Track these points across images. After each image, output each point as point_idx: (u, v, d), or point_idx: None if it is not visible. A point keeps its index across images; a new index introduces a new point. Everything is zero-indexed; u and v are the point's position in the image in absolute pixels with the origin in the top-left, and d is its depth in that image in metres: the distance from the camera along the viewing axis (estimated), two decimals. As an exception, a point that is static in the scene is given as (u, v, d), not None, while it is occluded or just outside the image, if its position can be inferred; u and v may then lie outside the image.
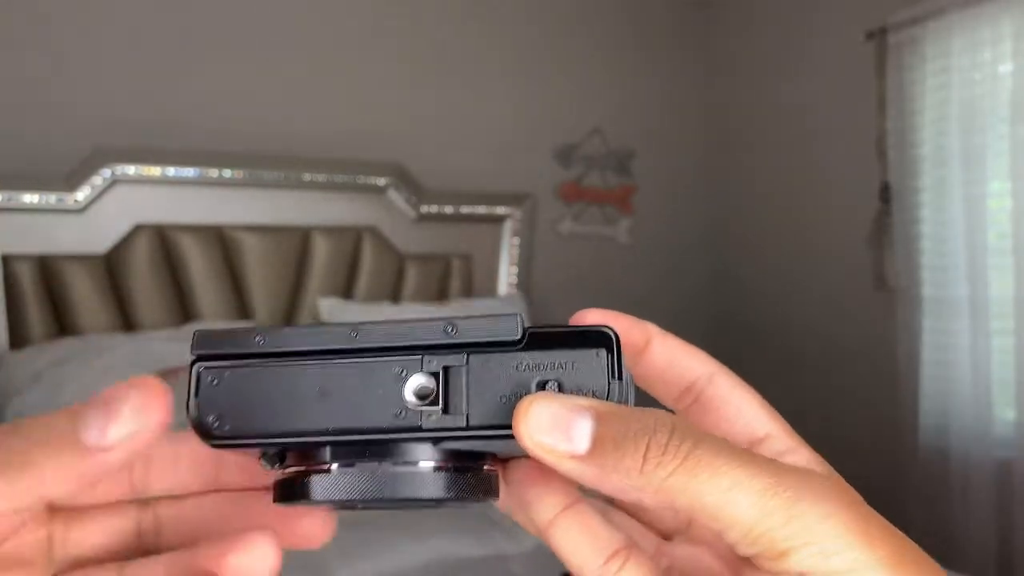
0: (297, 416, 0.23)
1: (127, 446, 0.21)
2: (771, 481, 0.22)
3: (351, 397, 0.23)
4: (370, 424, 0.23)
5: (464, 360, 0.23)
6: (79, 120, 1.97)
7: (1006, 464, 2.00)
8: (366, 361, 0.23)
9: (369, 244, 2.20)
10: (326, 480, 0.23)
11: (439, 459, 0.23)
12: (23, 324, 1.81)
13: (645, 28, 2.84)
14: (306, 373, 0.23)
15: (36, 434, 0.21)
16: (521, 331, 0.23)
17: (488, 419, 0.23)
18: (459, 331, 0.23)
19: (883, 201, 2.28)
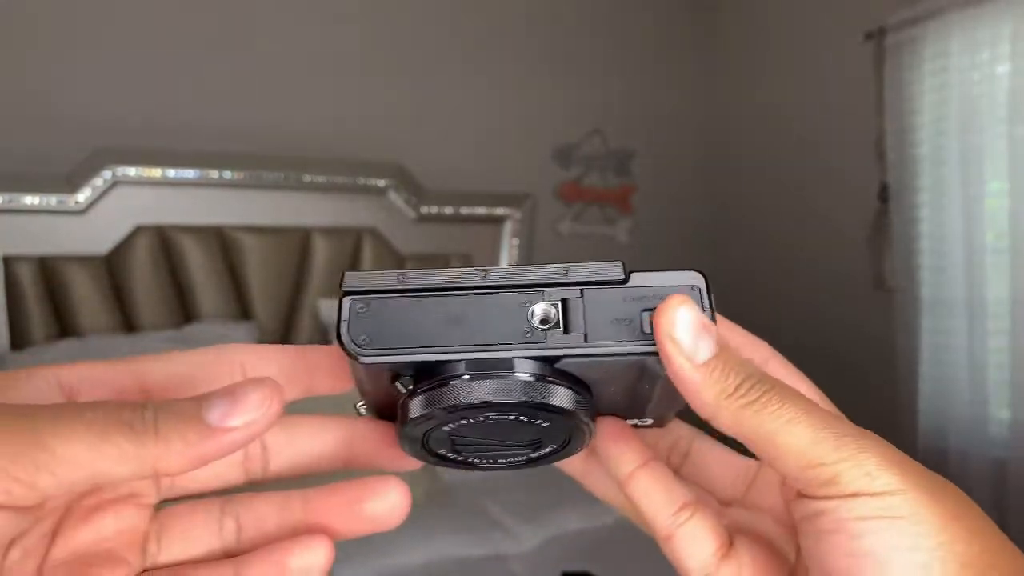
0: (436, 336, 0.26)
1: (245, 431, 0.23)
2: (822, 419, 0.25)
3: (483, 323, 0.26)
4: (500, 342, 0.26)
5: (579, 294, 0.27)
6: (80, 121, 1.98)
7: (1001, 463, 2.01)
8: (496, 294, 0.26)
9: (369, 245, 2.21)
10: (456, 387, 0.26)
11: (558, 377, 0.27)
12: (24, 325, 1.82)
13: (644, 28, 2.84)
14: (444, 302, 0.26)
15: (163, 408, 0.22)
16: (624, 273, 0.27)
17: (603, 337, 0.26)
18: (571, 272, 0.27)
19: (882, 201, 2.29)
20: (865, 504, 0.23)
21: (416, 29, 2.43)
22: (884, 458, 0.24)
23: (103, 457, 0.21)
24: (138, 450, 0.22)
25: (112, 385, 0.27)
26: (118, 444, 0.21)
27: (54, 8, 1.96)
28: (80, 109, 1.98)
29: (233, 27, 2.17)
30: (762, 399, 0.25)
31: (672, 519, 0.29)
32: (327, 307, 2.09)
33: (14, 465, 0.20)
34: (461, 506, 1.57)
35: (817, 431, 0.24)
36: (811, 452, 0.24)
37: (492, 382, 0.26)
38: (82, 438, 0.21)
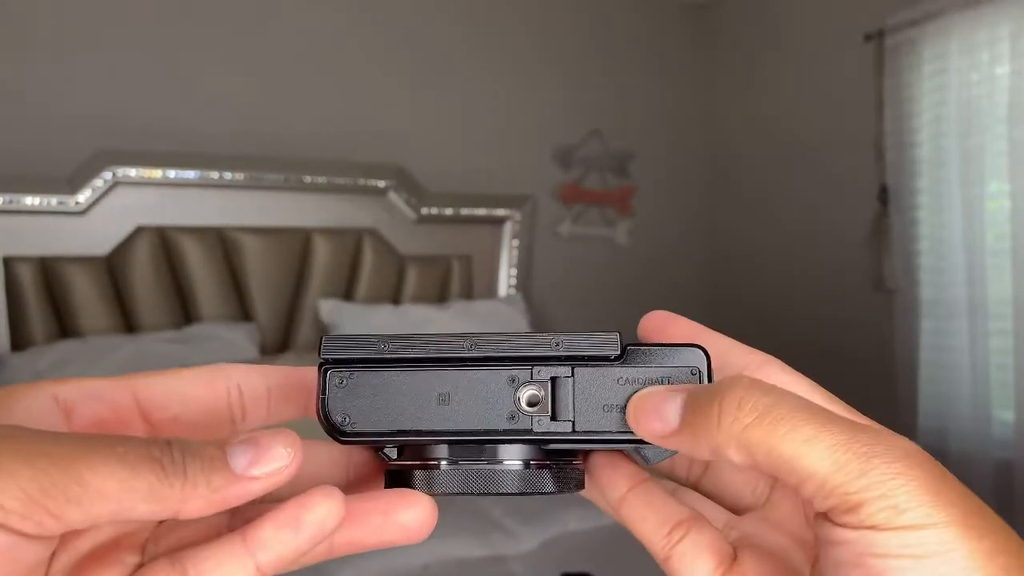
0: (419, 417, 0.25)
1: (267, 481, 0.23)
2: (845, 437, 0.22)
3: (467, 402, 0.25)
4: (485, 427, 0.25)
5: (570, 372, 0.25)
6: (80, 123, 1.98)
7: (1005, 464, 2.01)
8: (481, 369, 0.25)
9: (369, 246, 2.21)
10: (436, 475, 0.26)
11: (540, 457, 0.26)
12: (24, 326, 1.82)
13: (643, 29, 2.85)
14: (426, 378, 0.25)
15: (190, 449, 0.23)
16: (620, 347, 0.26)
17: (591, 426, 0.25)
18: (564, 345, 0.25)
19: (881, 202, 2.29)
20: (889, 539, 0.21)
21: (416, 32, 2.43)
22: (918, 485, 0.21)
23: (132, 492, 0.21)
24: (166, 489, 0.22)
25: (109, 402, 0.26)
26: (148, 481, 0.21)
27: (55, 10, 1.97)
28: (81, 110, 1.98)
29: (234, 29, 2.18)
30: (765, 419, 0.23)
31: (666, 539, 0.28)
32: (327, 308, 2.09)
33: (46, 497, 0.20)
34: (461, 507, 1.57)
35: (839, 452, 0.22)
36: (833, 478, 0.22)
37: (471, 471, 0.25)
38: (114, 472, 0.21)
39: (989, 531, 0.22)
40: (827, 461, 0.22)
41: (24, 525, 0.20)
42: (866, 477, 0.22)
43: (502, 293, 2.43)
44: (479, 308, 2.22)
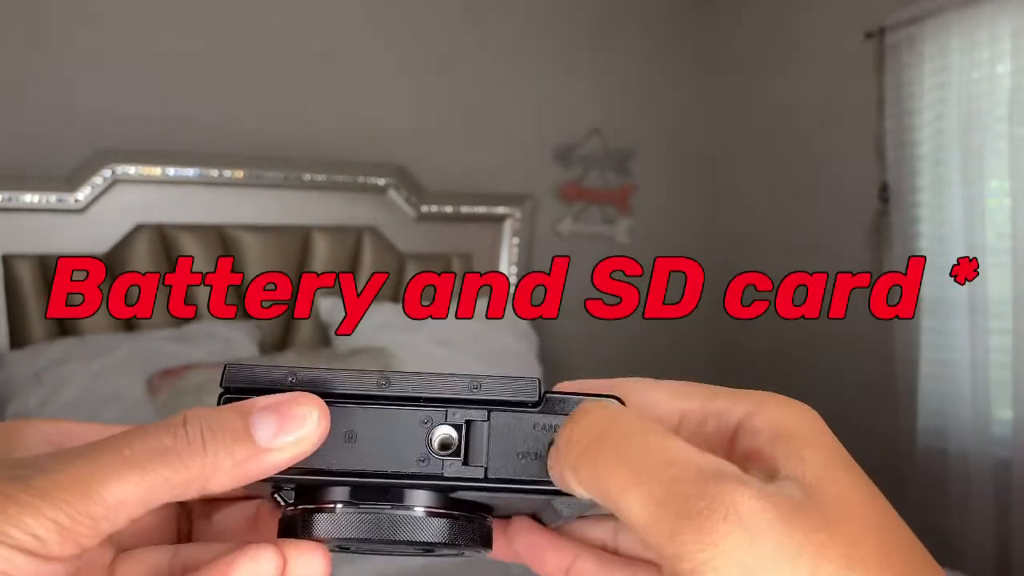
0: (323, 455, 0.23)
1: (293, 450, 0.22)
2: (663, 485, 0.20)
3: (377, 442, 0.24)
4: (394, 469, 0.24)
5: (486, 416, 0.24)
6: (79, 120, 1.97)
7: (1004, 463, 2.01)
8: (393, 409, 0.24)
9: (369, 244, 2.21)
10: (333, 519, 0.24)
11: (447, 507, 0.24)
12: (23, 323, 1.82)
13: (644, 28, 2.85)
14: (336, 414, 0.24)
15: (210, 424, 0.22)
16: (539, 394, 0.24)
17: (504, 473, 0.24)
18: (482, 389, 0.24)
19: (882, 200, 2.29)
20: None
21: (416, 29, 2.43)
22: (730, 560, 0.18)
23: (151, 489, 0.21)
24: (184, 475, 0.21)
25: None
26: (163, 475, 0.21)
27: (54, 8, 1.96)
28: (80, 108, 1.98)
29: (233, 26, 2.17)
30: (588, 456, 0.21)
31: None
32: (327, 306, 2.09)
33: (78, 525, 0.20)
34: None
35: (655, 508, 0.19)
36: (649, 535, 0.20)
37: (369, 518, 0.24)
38: (126, 479, 0.21)
39: None
40: (642, 516, 0.20)
41: (64, 550, 0.20)
42: (676, 543, 0.19)
43: (502, 291, 2.43)
44: (479, 307, 2.22)
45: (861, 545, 0.19)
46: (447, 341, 2.06)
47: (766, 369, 2.78)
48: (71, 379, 1.66)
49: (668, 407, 0.26)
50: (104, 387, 1.66)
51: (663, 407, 0.26)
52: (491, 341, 2.14)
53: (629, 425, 0.22)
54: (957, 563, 1.99)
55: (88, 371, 1.68)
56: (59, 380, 1.65)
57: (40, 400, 1.63)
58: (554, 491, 0.24)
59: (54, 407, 1.62)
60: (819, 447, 0.22)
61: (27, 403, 1.63)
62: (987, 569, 2.01)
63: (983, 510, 2.03)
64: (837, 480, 0.21)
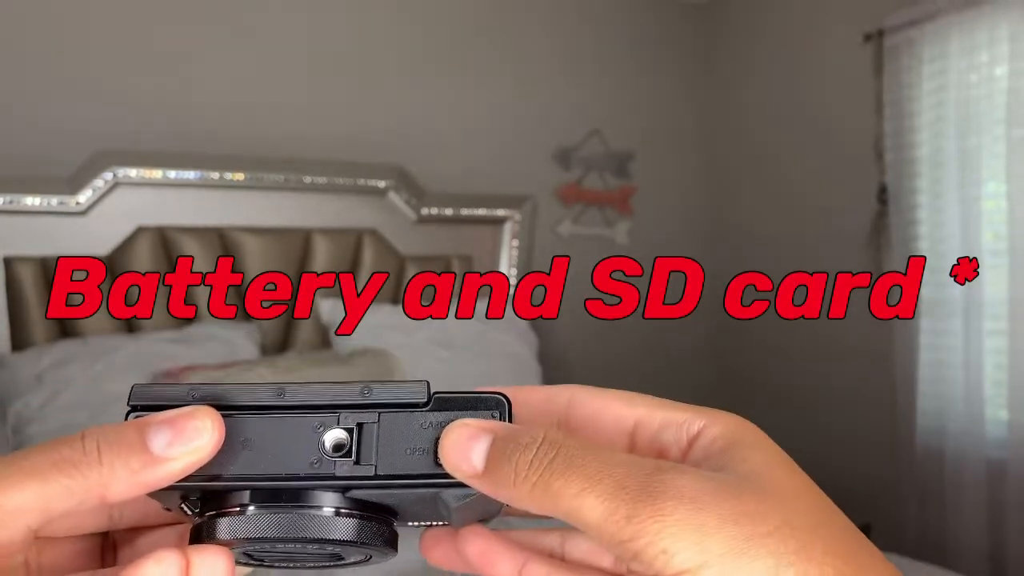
0: (223, 461, 0.25)
1: (188, 459, 0.23)
2: (615, 482, 0.22)
3: (271, 447, 0.25)
4: (287, 471, 0.25)
5: (376, 418, 0.25)
6: (81, 123, 1.98)
7: (999, 464, 2.01)
8: (288, 416, 0.25)
9: (370, 246, 2.21)
10: (238, 520, 0.25)
11: (347, 506, 0.26)
12: (25, 326, 1.82)
13: (643, 30, 2.85)
14: (232, 424, 0.25)
15: (106, 438, 0.23)
16: (427, 395, 0.26)
17: (395, 469, 0.25)
18: (373, 393, 0.26)
19: (880, 202, 2.30)
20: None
21: (416, 32, 2.43)
22: (678, 522, 0.21)
23: (49, 498, 0.22)
24: (82, 483, 0.23)
25: None
26: (61, 483, 0.22)
27: (55, 11, 1.97)
28: (81, 111, 1.99)
29: (234, 29, 2.18)
30: (544, 477, 0.22)
31: None
32: (327, 307, 2.10)
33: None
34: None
35: (609, 500, 0.21)
36: (606, 528, 0.21)
37: (273, 517, 0.25)
38: (25, 486, 0.22)
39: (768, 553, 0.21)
40: (598, 511, 0.21)
41: None
42: (632, 523, 0.21)
43: (502, 293, 2.44)
44: (479, 308, 2.23)
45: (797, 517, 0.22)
46: (447, 342, 2.07)
47: (765, 369, 2.78)
48: (72, 381, 1.66)
49: (620, 412, 0.27)
50: (105, 389, 1.67)
51: (614, 412, 0.27)
52: (491, 342, 2.15)
53: (572, 443, 0.23)
54: (952, 562, 2.00)
55: (89, 373, 1.68)
56: (60, 382, 1.66)
57: (41, 402, 1.63)
58: (441, 483, 0.25)
59: (55, 409, 1.62)
60: (762, 449, 0.24)
61: (28, 405, 1.63)
62: (982, 569, 2.02)
63: (978, 510, 2.04)
64: (775, 473, 0.23)
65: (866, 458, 2.40)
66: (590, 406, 0.27)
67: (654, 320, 2.82)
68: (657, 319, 2.83)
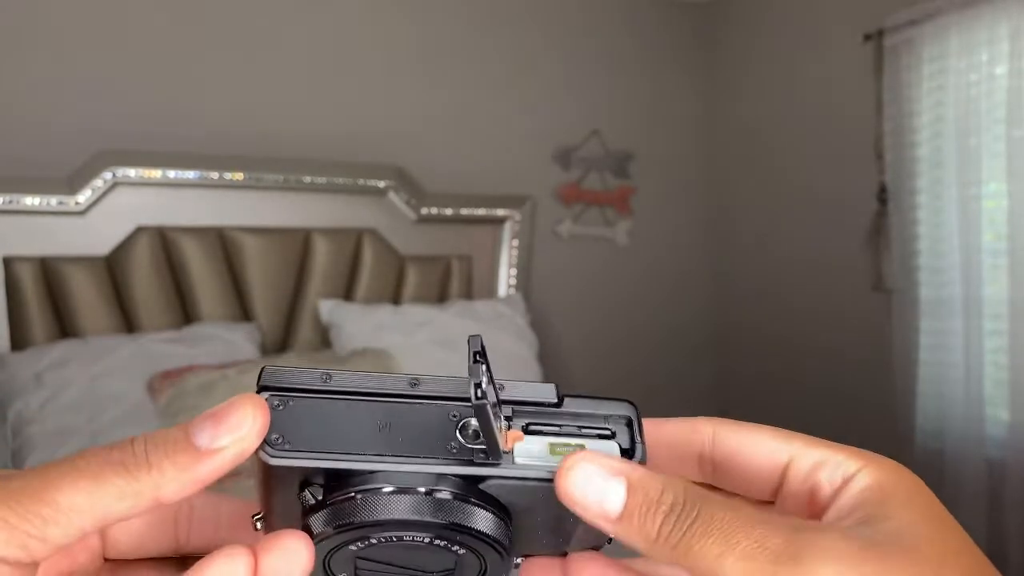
0: (355, 443, 0.24)
1: (235, 449, 0.23)
2: (755, 542, 0.22)
3: (407, 432, 0.25)
4: (427, 453, 0.25)
5: (511, 413, 0.26)
6: (80, 123, 1.98)
7: (999, 464, 2.01)
8: (424, 404, 0.25)
9: (369, 246, 2.21)
10: (374, 499, 0.24)
11: (482, 500, 0.25)
12: (25, 325, 1.82)
13: (643, 30, 2.85)
14: (367, 408, 0.25)
15: (152, 440, 0.24)
16: (557, 396, 0.26)
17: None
18: (506, 389, 0.26)
19: (880, 202, 2.29)
20: None
21: (416, 32, 2.43)
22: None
23: (103, 499, 0.23)
24: (134, 485, 0.23)
25: None
26: (114, 483, 0.23)
27: (55, 11, 1.97)
28: (81, 111, 1.99)
29: (234, 29, 2.18)
30: (686, 538, 0.22)
31: None
32: (327, 308, 2.10)
33: (24, 522, 0.22)
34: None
35: (750, 561, 0.21)
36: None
37: (408, 498, 0.24)
38: (79, 486, 0.22)
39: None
40: (738, 570, 0.21)
41: (9, 551, 0.22)
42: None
43: (502, 293, 2.44)
44: (479, 308, 2.23)
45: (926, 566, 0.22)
46: (447, 342, 2.06)
47: (765, 370, 2.78)
48: (72, 381, 1.66)
49: (774, 447, 0.27)
50: (105, 389, 1.67)
51: (767, 446, 0.27)
52: (491, 342, 2.14)
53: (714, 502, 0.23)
54: (955, 564, 1.99)
55: (89, 373, 1.68)
56: (60, 382, 1.66)
57: (41, 402, 1.63)
58: None
59: (55, 409, 1.62)
60: (918, 505, 0.24)
61: (28, 405, 1.63)
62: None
63: (978, 510, 2.03)
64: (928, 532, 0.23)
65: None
66: (737, 440, 0.27)
67: (654, 320, 2.82)
68: (657, 319, 2.83)
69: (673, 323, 2.88)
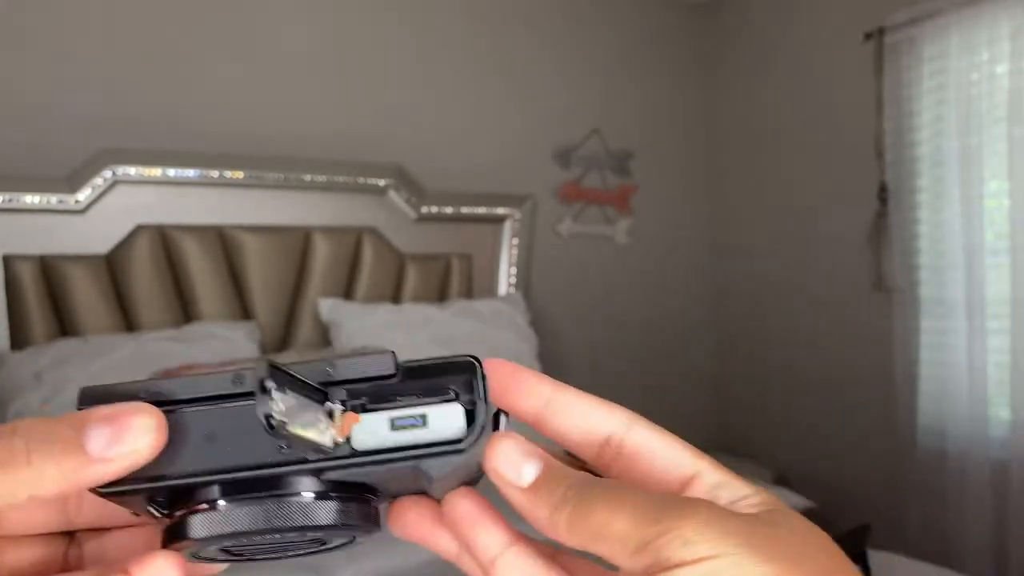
0: (184, 459, 0.23)
1: (127, 462, 0.22)
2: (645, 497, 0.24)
3: (236, 438, 0.23)
4: (256, 460, 0.23)
5: (344, 396, 0.24)
6: (80, 121, 1.98)
7: (1002, 464, 2.01)
8: (249, 404, 0.23)
9: (369, 244, 2.21)
10: (210, 517, 0.23)
11: (325, 489, 0.24)
12: (24, 324, 1.82)
13: (643, 29, 2.85)
14: (192, 418, 0.24)
15: (38, 436, 0.22)
16: (395, 367, 0.24)
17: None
18: (338, 370, 0.24)
19: (881, 201, 2.29)
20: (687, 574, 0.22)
21: (417, 31, 2.43)
22: (705, 522, 0.23)
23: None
24: (8, 484, 0.22)
25: None
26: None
27: (55, 8, 1.97)
28: (80, 109, 1.98)
29: (234, 28, 2.18)
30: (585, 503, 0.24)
31: None
32: (327, 306, 2.09)
33: None
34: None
35: (638, 510, 0.23)
36: (634, 534, 0.23)
37: (248, 509, 0.23)
38: None
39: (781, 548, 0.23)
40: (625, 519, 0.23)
41: None
42: (661, 523, 0.23)
43: (502, 292, 2.44)
44: (479, 307, 2.22)
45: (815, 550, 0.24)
46: (447, 341, 2.06)
47: (767, 370, 2.78)
48: (72, 379, 1.66)
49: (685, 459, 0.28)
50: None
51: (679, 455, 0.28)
52: (491, 341, 2.14)
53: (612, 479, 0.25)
54: (955, 562, 1.99)
55: (89, 371, 1.68)
56: (60, 380, 1.65)
57: (41, 400, 1.63)
58: (422, 455, 0.24)
59: (55, 408, 1.62)
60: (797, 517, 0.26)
61: (28, 404, 1.63)
62: (985, 569, 2.01)
63: (981, 510, 2.03)
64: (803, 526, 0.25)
65: (868, 458, 2.39)
66: (652, 439, 0.28)
67: (654, 319, 2.82)
68: (657, 318, 2.83)
69: (673, 322, 2.88)
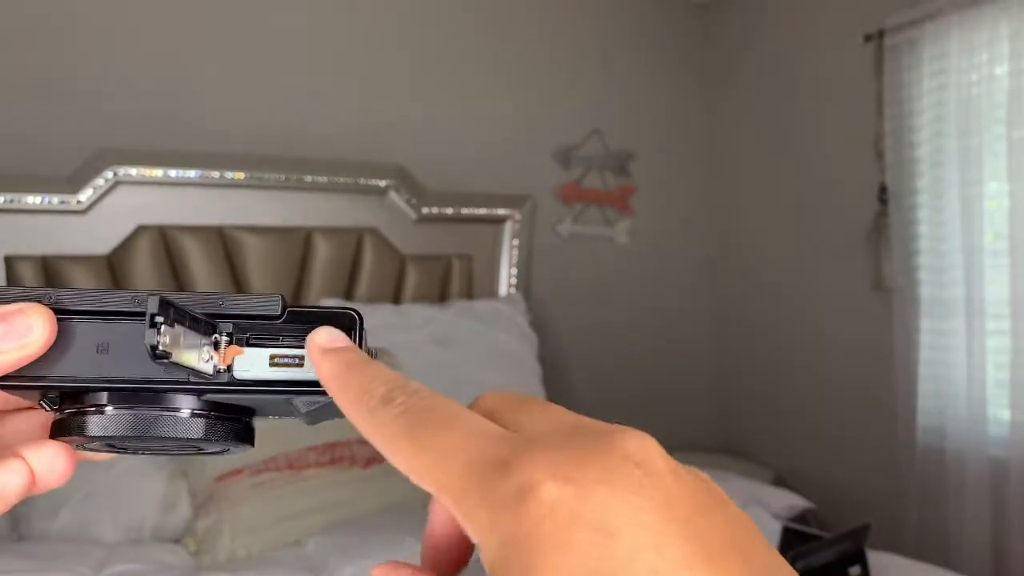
0: (77, 365, 0.25)
1: (14, 356, 0.23)
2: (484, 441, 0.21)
3: (127, 352, 0.26)
4: (144, 376, 0.25)
5: (230, 328, 0.26)
6: (81, 122, 1.98)
7: (1002, 464, 2.01)
8: (139, 323, 0.25)
9: (370, 245, 2.21)
10: (96, 419, 0.26)
11: (201, 408, 0.26)
12: (26, 325, 1.82)
13: (643, 30, 2.85)
14: (87, 328, 0.26)
15: None
16: (281, 308, 0.27)
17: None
18: (226, 305, 0.26)
19: (881, 202, 2.30)
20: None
21: (416, 31, 2.43)
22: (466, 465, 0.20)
23: None
24: None
25: None
26: None
27: (55, 10, 1.97)
28: (82, 109, 1.99)
29: (235, 28, 2.18)
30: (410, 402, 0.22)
31: None
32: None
33: None
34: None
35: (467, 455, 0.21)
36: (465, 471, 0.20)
37: (130, 415, 0.25)
38: None
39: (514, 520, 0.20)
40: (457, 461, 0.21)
41: None
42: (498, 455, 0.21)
43: (502, 292, 2.44)
44: (479, 307, 2.23)
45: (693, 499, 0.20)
46: (447, 342, 2.07)
47: (765, 369, 2.78)
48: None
49: None
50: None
51: None
52: (491, 341, 2.15)
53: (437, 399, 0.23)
54: (954, 563, 1.99)
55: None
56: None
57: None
58: (291, 391, 0.26)
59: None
60: None
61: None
62: (983, 569, 2.01)
63: (980, 510, 2.03)
64: None
65: (867, 458, 2.39)
66: None
67: (654, 319, 2.82)
68: (657, 318, 2.83)
69: (673, 322, 2.88)
